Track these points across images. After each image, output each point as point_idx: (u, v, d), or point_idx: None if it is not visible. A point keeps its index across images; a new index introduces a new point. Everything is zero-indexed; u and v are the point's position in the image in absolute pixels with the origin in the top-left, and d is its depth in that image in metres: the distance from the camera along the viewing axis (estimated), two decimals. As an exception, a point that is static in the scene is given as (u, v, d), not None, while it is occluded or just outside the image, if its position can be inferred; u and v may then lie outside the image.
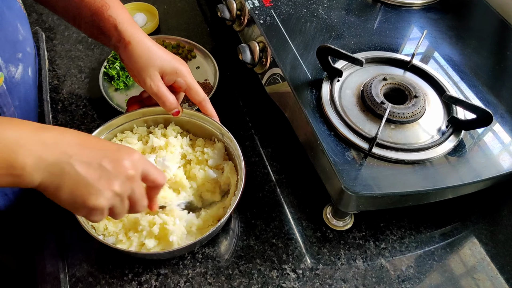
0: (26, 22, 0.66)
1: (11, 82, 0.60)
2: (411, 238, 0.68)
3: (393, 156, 0.60)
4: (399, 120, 0.63)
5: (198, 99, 0.65)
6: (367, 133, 0.62)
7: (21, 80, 0.63)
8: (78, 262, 0.62)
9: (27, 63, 0.65)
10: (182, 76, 0.63)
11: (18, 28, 0.62)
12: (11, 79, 0.60)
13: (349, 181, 0.57)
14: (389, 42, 0.77)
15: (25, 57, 0.64)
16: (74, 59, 0.88)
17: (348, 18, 0.81)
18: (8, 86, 0.59)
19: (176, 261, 0.64)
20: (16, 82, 0.62)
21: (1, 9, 0.57)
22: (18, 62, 0.62)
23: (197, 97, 0.65)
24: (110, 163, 0.46)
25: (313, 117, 0.64)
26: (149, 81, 0.61)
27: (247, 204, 0.70)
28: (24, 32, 0.64)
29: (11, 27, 0.60)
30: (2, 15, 0.57)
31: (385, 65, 0.73)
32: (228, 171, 0.66)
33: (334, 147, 0.61)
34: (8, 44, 0.59)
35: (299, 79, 0.69)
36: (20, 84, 0.63)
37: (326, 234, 0.68)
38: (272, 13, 0.79)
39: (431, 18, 0.83)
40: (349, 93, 0.68)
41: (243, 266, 0.64)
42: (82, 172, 0.44)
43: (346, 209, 0.62)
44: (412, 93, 0.66)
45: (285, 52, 0.73)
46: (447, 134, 0.63)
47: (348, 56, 0.65)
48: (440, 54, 0.77)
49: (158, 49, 0.62)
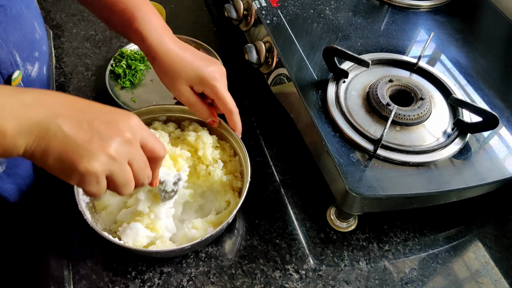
0: (42, 21, 0.67)
1: (28, 80, 0.61)
2: (415, 241, 0.68)
3: (398, 158, 0.60)
4: (405, 122, 0.63)
5: (225, 110, 0.62)
6: (372, 135, 0.62)
7: (37, 78, 0.64)
8: (82, 259, 0.63)
9: (42, 61, 0.65)
10: (209, 87, 0.60)
11: (35, 27, 0.63)
12: (28, 77, 0.61)
13: (354, 182, 0.57)
14: (396, 44, 0.77)
15: (41, 55, 0.64)
16: (81, 57, 0.89)
17: (355, 20, 0.81)
18: (25, 84, 0.60)
19: (179, 259, 0.64)
20: (33, 80, 0.62)
21: (20, 8, 0.58)
22: (35, 61, 0.62)
23: (224, 108, 0.62)
24: (103, 123, 0.41)
25: (318, 118, 0.64)
26: (179, 94, 0.60)
27: (251, 204, 0.70)
28: (40, 31, 0.64)
29: (29, 26, 0.61)
30: (21, 14, 0.58)
31: (391, 67, 0.73)
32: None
33: (339, 148, 0.61)
34: (27, 43, 0.59)
35: (305, 80, 0.69)
36: (36, 82, 0.64)
37: (329, 235, 0.68)
38: (279, 13, 0.79)
39: (438, 21, 0.83)
40: (355, 95, 0.67)
41: (246, 266, 0.64)
42: (70, 133, 0.40)
43: (350, 211, 0.62)
44: (418, 95, 0.66)
45: (291, 52, 0.73)
46: (453, 136, 0.63)
47: (354, 57, 0.65)
48: (446, 56, 0.76)
49: (185, 58, 0.59)
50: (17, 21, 0.57)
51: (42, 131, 0.39)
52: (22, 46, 0.58)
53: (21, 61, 0.58)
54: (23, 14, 0.59)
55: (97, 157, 0.40)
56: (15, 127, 0.38)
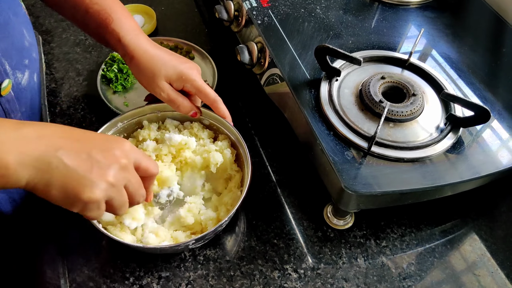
0: (30, 28, 0.66)
1: (18, 89, 0.60)
2: (412, 236, 0.68)
3: (392, 154, 0.60)
4: (398, 118, 0.63)
5: (209, 101, 0.65)
6: (366, 132, 0.62)
7: (27, 86, 0.63)
8: (78, 266, 0.62)
9: (32, 69, 0.65)
10: (189, 81, 0.62)
11: (24, 34, 0.62)
12: (18, 85, 0.60)
13: (349, 180, 0.57)
14: (387, 40, 0.78)
15: (31, 63, 0.64)
16: (72, 62, 0.88)
17: (346, 18, 0.81)
18: (15, 93, 0.59)
19: (177, 263, 0.64)
20: (23, 88, 0.62)
21: (8, 16, 0.57)
22: (24, 69, 0.62)
23: (208, 99, 0.64)
24: (100, 152, 0.43)
25: (312, 117, 0.64)
26: (158, 91, 0.62)
27: (248, 205, 0.70)
28: (29, 38, 0.64)
29: (18, 33, 0.60)
30: (9, 22, 0.57)
31: (383, 64, 0.73)
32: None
33: (334, 147, 0.61)
34: (15, 51, 0.59)
35: (297, 79, 0.69)
36: (27, 90, 0.63)
37: (327, 233, 0.68)
38: (270, 13, 0.79)
39: (428, 17, 0.84)
40: (348, 93, 0.68)
41: (245, 267, 0.64)
42: (71, 164, 0.41)
43: (346, 208, 0.62)
44: (410, 91, 0.66)
45: (283, 52, 0.73)
46: (446, 131, 0.64)
47: (346, 55, 0.65)
48: (437, 52, 0.77)
49: (162, 56, 0.61)
50: (5, 29, 0.56)
51: (44, 165, 0.40)
52: (11, 54, 0.57)
53: (11, 69, 0.57)
54: (11, 22, 0.58)
55: (98, 185, 0.42)
56: (17, 161, 0.39)
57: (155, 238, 0.60)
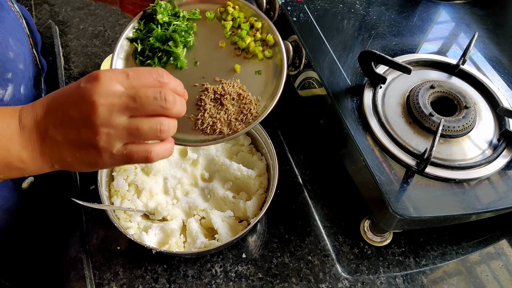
0: (21, 33, 0.61)
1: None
2: (453, 254, 0.65)
3: (442, 174, 0.56)
4: (449, 134, 0.58)
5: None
6: (414, 149, 0.58)
7: (12, 100, 0.59)
8: (106, 282, 0.60)
9: (18, 81, 0.60)
10: None
11: (8, 45, 0.57)
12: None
13: (397, 203, 0.53)
14: (433, 42, 0.72)
15: (16, 75, 0.59)
16: (91, 56, 0.83)
17: (388, 15, 0.75)
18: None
19: (208, 280, 0.61)
20: (5, 104, 0.58)
21: None
22: (7, 83, 0.57)
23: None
24: (76, 109, 0.39)
25: (355, 130, 0.59)
26: None
27: (280, 217, 0.67)
28: (16, 48, 0.59)
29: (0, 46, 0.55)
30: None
31: (429, 69, 0.68)
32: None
33: (379, 164, 0.57)
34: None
35: (338, 86, 0.64)
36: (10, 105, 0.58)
37: (364, 250, 0.65)
38: (306, 9, 0.73)
39: (477, 14, 0.77)
40: (393, 102, 0.63)
41: (279, 286, 0.61)
42: (61, 139, 0.40)
43: (389, 229, 0.58)
44: (462, 104, 0.61)
45: (322, 54, 0.67)
46: (500, 149, 0.59)
47: (394, 63, 0.60)
48: (487, 56, 0.71)
49: None
50: None
51: (48, 149, 0.41)
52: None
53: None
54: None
55: (98, 144, 0.39)
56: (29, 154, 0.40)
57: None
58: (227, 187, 0.65)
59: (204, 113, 0.51)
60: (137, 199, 0.64)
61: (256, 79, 0.53)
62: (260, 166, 0.66)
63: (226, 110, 0.51)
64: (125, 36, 0.55)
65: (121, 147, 0.40)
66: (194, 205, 0.63)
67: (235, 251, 0.63)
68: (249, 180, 0.64)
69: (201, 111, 0.51)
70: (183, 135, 0.50)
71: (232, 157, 0.69)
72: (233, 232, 0.61)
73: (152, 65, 0.53)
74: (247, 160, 0.68)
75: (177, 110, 0.41)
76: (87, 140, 0.39)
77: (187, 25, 0.55)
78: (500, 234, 0.66)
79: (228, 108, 0.51)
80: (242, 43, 0.54)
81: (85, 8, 0.90)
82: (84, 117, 0.39)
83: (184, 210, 0.64)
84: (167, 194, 0.65)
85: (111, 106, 0.39)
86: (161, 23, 0.54)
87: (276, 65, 0.54)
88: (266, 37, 0.56)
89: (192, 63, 0.55)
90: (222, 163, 0.65)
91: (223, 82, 0.52)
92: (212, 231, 0.62)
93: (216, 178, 0.66)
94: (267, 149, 0.66)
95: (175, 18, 0.55)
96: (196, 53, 0.55)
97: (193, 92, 0.52)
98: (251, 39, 0.55)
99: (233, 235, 0.60)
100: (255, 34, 0.56)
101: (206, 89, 0.52)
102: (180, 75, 0.53)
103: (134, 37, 0.55)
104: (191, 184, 0.67)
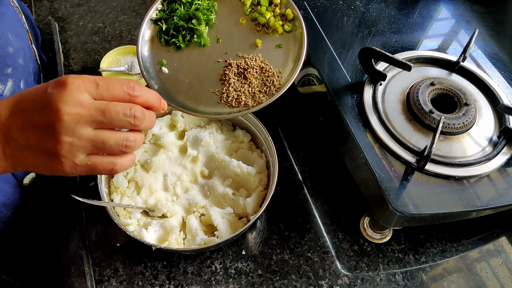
0: (20, 28, 0.61)
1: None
2: (453, 251, 0.65)
3: (442, 171, 0.56)
4: (449, 131, 0.58)
5: None
6: (414, 146, 0.57)
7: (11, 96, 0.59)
8: (106, 279, 0.60)
9: (18, 76, 0.60)
10: None
11: (8, 40, 0.57)
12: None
13: (397, 200, 0.53)
14: (433, 39, 0.71)
15: (15, 70, 0.60)
16: (90, 53, 0.83)
17: (388, 12, 0.74)
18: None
19: (208, 276, 0.61)
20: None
21: None
22: (6, 78, 0.58)
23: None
24: (40, 114, 0.38)
25: (355, 127, 0.59)
26: None
27: (279, 214, 0.67)
28: (15, 43, 0.59)
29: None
30: None
31: (429, 66, 0.68)
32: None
33: (379, 161, 0.57)
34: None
35: (338, 83, 0.64)
36: None
37: (363, 247, 0.65)
38: (306, 5, 0.73)
39: (477, 12, 0.77)
40: (393, 99, 0.62)
41: (278, 283, 0.61)
42: (24, 143, 0.39)
43: (389, 226, 0.59)
44: (462, 101, 0.61)
45: (322, 51, 0.67)
46: (500, 146, 0.59)
47: (394, 60, 0.60)
48: (487, 53, 0.71)
49: None
50: None
51: (10, 151, 0.40)
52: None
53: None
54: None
55: (60, 153, 0.38)
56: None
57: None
58: (227, 184, 0.65)
59: (228, 87, 0.52)
60: (137, 196, 0.64)
61: (277, 53, 0.55)
62: (260, 163, 0.66)
63: (250, 83, 0.52)
64: (149, 17, 0.56)
65: (84, 157, 0.40)
66: (194, 202, 0.63)
67: (234, 248, 0.63)
68: (249, 177, 0.64)
69: (225, 85, 0.52)
70: (209, 108, 0.51)
71: (232, 154, 0.69)
72: (233, 229, 0.61)
73: (177, 44, 0.55)
74: (247, 157, 0.68)
75: (145, 126, 0.42)
76: (48, 147, 0.38)
77: (208, 4, 0.57)
78: (499, 232, 0.67)
79: (252, 81, 0.52)
80: (262, 19, 0.56)
81: (85, 4, 0.90)
82: (47, 124, 0.38)
83: (184, 207, 0.64)
84: (166, 191, 0.65)
85: (77, 116, 0.38)
86: (184, 3, 0.56)
87: (296, 39, 0.55)
88: (285, 12, 0.57)
89: (214, 40, 0.56)
90: (222, 160, 0.65)
91: (245, 57, 0.54)
92: (212, 228, 0.62)
93: (216, 175, 0.66)
94: (267, 146, 0.66)
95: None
96: (218, 30, 0.57)
97: (216, 67, 0.54)
98: (271, 14, 0.57)
99: (233, 232, 0.60)
100: (274, 10, 0.57)
101: (229, 64, 0.54)
102: (204, 52, 0.55)
103: (158, 17, 0.56)
104: (190, 181, 0.66)
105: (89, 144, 0.39)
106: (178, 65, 0.54)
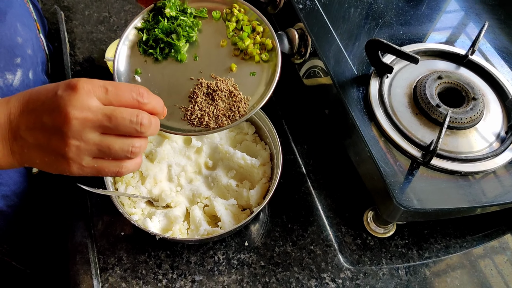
0: (28, 18, 0.61)
1: (9, 90, 0.57)
2: (457, 247, 0.64)
3: (448, 167, 0.55)
4: (456, 126, 0.58)
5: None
6: (420, 140, 0.57)
7: (21, 86, 0.59)
8: (110, 267, 0.60)
9: (27, 66, 0.60)
10: None
11: (17, 30, 0.57)
12: (8, 87, 0.57)
13: (401, 195, 0.53)
14: (441, 31, 0.70)
15: (24, 60, 0.60)
16: (96, 42, 0.83)
17: (396, 3, 0.73)
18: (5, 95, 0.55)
19: (211, 267, 0.61)
20: (16, 90, 0.58)
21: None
22: (16, 68, 0.58)
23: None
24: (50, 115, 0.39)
25: (361, 120, 0.59)
26: None
27: (283, 207, 0.67)
28: (24, 33, 0.59)
29: (9, 31, 0.56)
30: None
31: (437, 59, 0.67)
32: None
33: (384, 155, 0.56)
34: (4, 50, 0.55)
35: (344, 75, 0.63)
36: (20, 90, 0.59)
37: (366, 241, 0.65)
38: (313, -4, 0.72)
39: (488, 4, 0.75)
40: (400, 93, 0.62)
41: (281, 274, 0.61)
42: (33, 142, 0.39)
43: (393, 220, 0.58)
44: (470, 95, 0.60)
45: (328, 43, 0.66)
46: (508, 142, 0.58)
47: (402, 52, 0.59)
48: (497, 46, 0.69)
49: None
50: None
51: (19, 148, 0.40)
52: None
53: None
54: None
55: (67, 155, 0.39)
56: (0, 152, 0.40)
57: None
58: (230, 175, 0.65)
59: (195, 105, 0.52)
60: (142, 185, 0.64)
61: (250, 80, 0.55)
62: (264, 155, 0.66)
63: (216, 105, 0.52)
64: (134, 25, 0.57)
65: (91, 160, 0.41)
66: (198, 192, 0.63)
67: (237, 239, 0.64)
68: (252, 169, 0.64)
69: (192, 103, 0.52)
70: (171, 123, 0.51)
71: (236, 145, 0.69)
72: (236, 220, 0.61)
73: (154, 55, 0.55)
74: (251, 149, 0.68)
75: (151, 133, 0.42)
76: (56, 149, 0.39)
77: (192, 22, 0.57)
78: (505, 229, 0.66)
79: (218, 103, 0.52)
80: (242, 44, 0.56)
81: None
82: (56, 126, 0.38)
83: (188, 198, 0.64)
84: (171, 181, 0.65)
85: (85, 120, 0.38)
86: (168, 17, 0.56)
87: (270, 70, 0.55)
88: (265, 41, 0.56)
89: (192, 57, 0.56)
90: (226, 151, 0.65)
91: (218, 79, 0.54)
92: (215, 218, 0.63)
93: (220, 166, 0.66)
94: (271, 138, 0.65)
95: (182, 14, 0.57)
96: (197, 48, 0.57)
97: (188, 84, 0.54)
98: (251, 42, 0.57)
99: (236, 223, 0.60)
100: (255, 37, 0.57)
101: (200, 83, 0.53)
102: (179, 67, 0.55)
103: (142, 27, 0.57)
104: (195, 172, 0.67)
105: (95, 149, 0.40)
106: (152, 76, 0.54)
